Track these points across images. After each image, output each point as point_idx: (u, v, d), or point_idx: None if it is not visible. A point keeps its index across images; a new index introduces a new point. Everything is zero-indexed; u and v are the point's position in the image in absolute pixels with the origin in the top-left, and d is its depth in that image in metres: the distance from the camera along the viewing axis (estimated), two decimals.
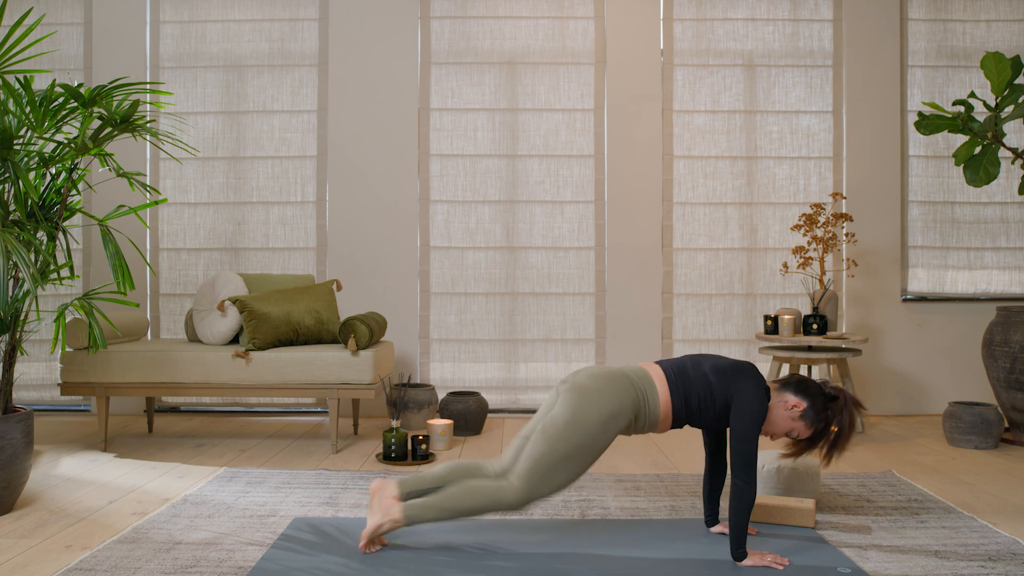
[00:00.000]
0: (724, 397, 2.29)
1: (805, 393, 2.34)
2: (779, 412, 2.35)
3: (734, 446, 2.24)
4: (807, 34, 4.92)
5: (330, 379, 3.72)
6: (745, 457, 2.22)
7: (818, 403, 2.33)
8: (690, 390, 2.31)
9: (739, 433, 2.23)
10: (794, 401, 2.34)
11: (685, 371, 2.34)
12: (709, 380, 2.31)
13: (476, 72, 4.89)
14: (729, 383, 2.29)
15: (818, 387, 2.36)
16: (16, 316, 2.93)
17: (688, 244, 4.90)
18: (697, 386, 2.31)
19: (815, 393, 2.34)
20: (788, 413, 2.33)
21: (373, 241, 4.82)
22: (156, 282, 4.89)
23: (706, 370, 2.33)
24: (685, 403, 2.31)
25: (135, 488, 3.11)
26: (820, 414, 2.32)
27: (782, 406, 2.34)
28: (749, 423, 2.24)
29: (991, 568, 2.25)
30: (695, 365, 2.35)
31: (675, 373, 2.34)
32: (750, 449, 2.22)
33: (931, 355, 4.85)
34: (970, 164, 3.99)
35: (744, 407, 2.25)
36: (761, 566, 2.24)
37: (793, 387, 2.36)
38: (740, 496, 2.21)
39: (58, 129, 3.01)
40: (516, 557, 2.33)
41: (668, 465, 3.53)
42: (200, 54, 4.90)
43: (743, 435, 2.23)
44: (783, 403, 2.35)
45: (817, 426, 2.33)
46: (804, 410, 2.33)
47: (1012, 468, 3.48)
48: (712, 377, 2.31)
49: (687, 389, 2.31)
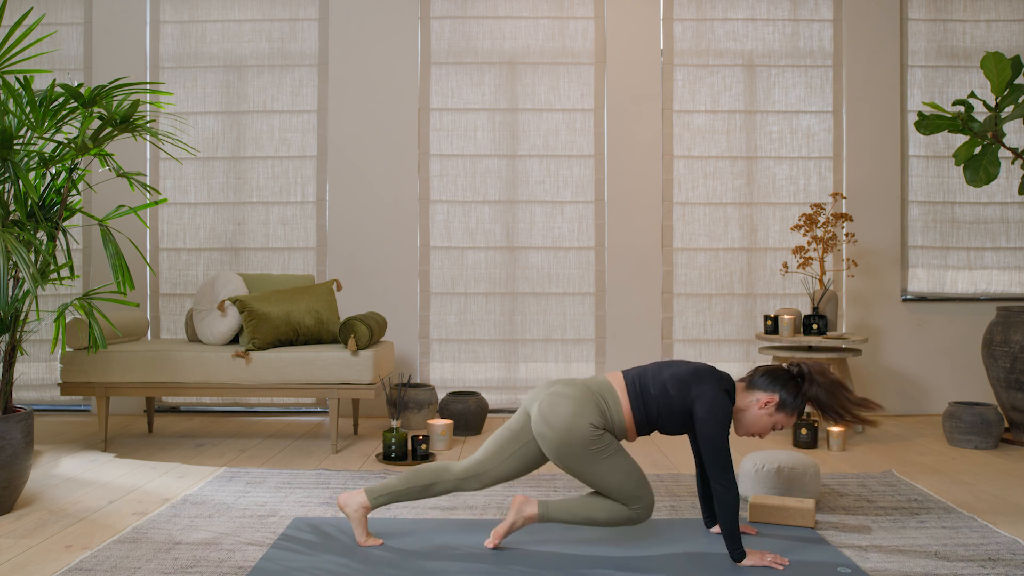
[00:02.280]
0: (683, 404, 2.28)
1: (774, 384, 2.32)
2: (754, 412, 2.33)
3: (704, 452, 2.23)
4: (807, 34, 4.92)
5: (330, 379, 3.73)
6: (718, 460, 2.20)
7: (790, 388, 2.31)
8: (648, 399, 2.31)
9: (706, 437, 2.22)
10: (766, 397, 2.31)
11: (644, 379, 2.34)
12: (667, 389, 2.30)
13: (476, 72, 4.89)
14: (687, 390, 2.28)
15: (784, 372, 2.34)
16: (16, 316, 2.93)
17: (688, 244, 4.90)
18: (656, 395, 2.30)
19: (784, 379, 2.32)
20: (764, 411, 2.32)
21: (373, 241, 4.82)
22: (156, 282, 4.89)
23: (664, 378, 2.32)
24: (645, 411, 2.31)
25: (135, 488, 3.11)
26: (797, 398, 2.31)
27: (756, 405, 2.32)
28: (713, 427, 2.22)
29: (991, 568, 2.25)
30: (655, 373, 2.35)
31: (634, 382, 2.34)
32: (721, 452, 2.21)
33: (931, 355, 4.85)
34: (970, 164, 3.99)
35: (706, 411, 2.23)
36: (761, 566, 2.24)
37: (760, 383, 2.33)
38: (722, 500, 2.20)
39: (58, 129, 3.00)
40: (516, 557, 2.33)
41: (668, 465, 3.53)
42: (200, 54, 4.90)
43: (710, 439, 2.22)
44: (756, 402, 2.32)
45: (799, 409, 2.33)
46: (780, 401, 2.31)
47: (1012, 468, 3.48)
48: (670, 385, 2.30)
49: (646, 398, 2.31)
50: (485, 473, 2.38)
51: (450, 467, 2.40)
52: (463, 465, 2.40)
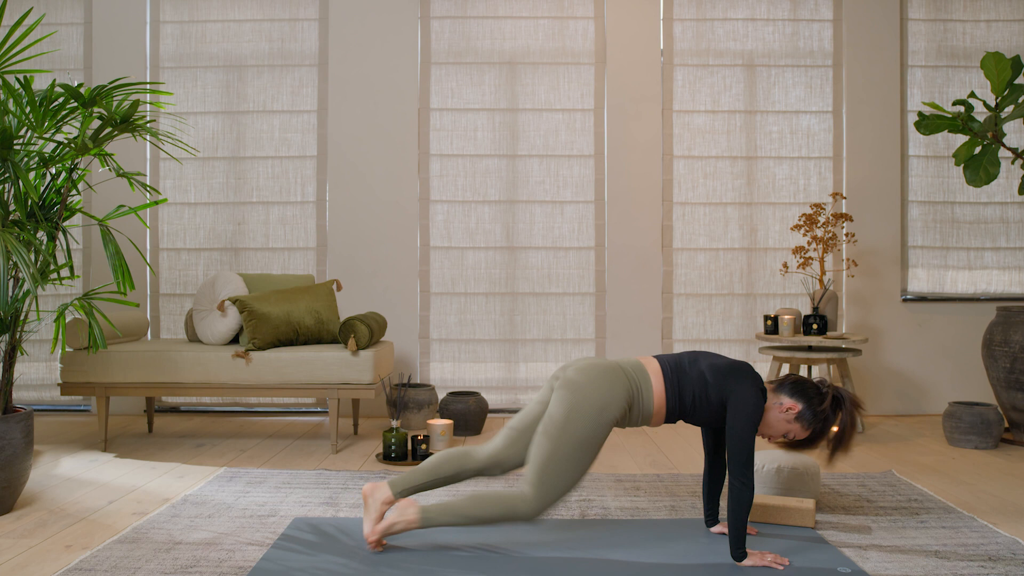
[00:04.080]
0: (720, 396, 2.29)
1: (801, 395, 2.33)
2: (774, 414, 2.34)
3: (730, 446, 2.24)
4: (807, 34, 4.92)
5: (330, 379, 3.72)
6: (742, 457, 2.21)
7: (815, 404, 2.32)
8: (685, 387, 2.31)
9: (735, 433, 2.23)
10: (789, 403, 2.33)
11: (682, 367, 2.34)
12: (705, 378, 2.30)
13: (476, 72, 4.89)
14: (725, 382, 2.29)
15: (815, 388, 2.35)
16: (16, 316, 2.93)
17: (688, 244, 4.90)
18: (693, 383, 2.31)
19: (812, 395, 2.33)
20: (783, 415, 2.33)
21: (373, 241, 4.82)
22: (156, 282, 4.89)
23: (703, 368, 2.32)
24: (679, 399, 2.31)
25: (135, 488, 3.11)
26: (817, 415, 2.31)
27: (777, 408, 2.34)
28: (745, 423, 2.23)
29: (991, 568, 2.25)
30: (692, 362, 2.35)
31: (672, 369, 2.34)
32: (747, 449, 2.22)
33: (931, 355, 4.85)
34: (970, 164, 3.99)
35: (740, 407, 2.25)
36: (761, 566, 2.24)
37: (788, 389, 2.35)
38: (738, 496, 2.21)
39: (58, 129, 3.00)
40: (515, 557, 2.33)
41: (668, 465, 3.53)
42: (200, 54, 4.90)
43: (739, 435, 2.22)
44: (778, 405, 2.34)
45: (815, 427, 2.33)
46: (800, 412, 2.32)
47: (1012, 468, 3.48)
48: (708, 375, 2.30)
49: (682, 385, 2.31)
50: (508, 460, 2.37)
51: (472, 454, 2.39)
52: (485, 452, 2.38)
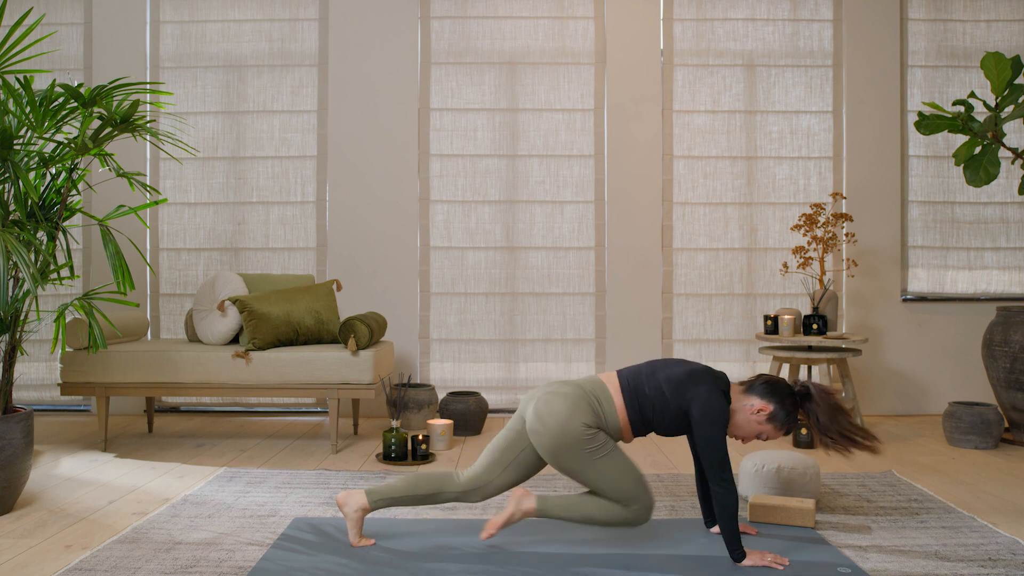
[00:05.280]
0: (679, 406, 2.28)
1: (772, 395, 2.30)
2: (744, 416, 2.31)
3: (702, 452, 2.22)
4: (807, 34, 4.92)
5: (330, 379, 3.72)
6: (715, 461, 2.20)
7: (787, 404, 2.29)
8: (644, 400, 2.30)
9: (703, 439, 2.22)
10: (760, 405, 2.30)
11: (639, 380, 2.33)
12: (662, 390, 2.29)
13: (476, 72, 4.89)
14: (683, 392, 2.27)
15: (785, 386, 2.32)
16: (16, 316, 2.93)
17: (688, 244, 4.90)
18: (651, 396, 2.30)
19: (784, 394, 2.30)
20: (754, 417, 2.30)
21: (373, 241, 4.82)
22: (156, 282, 4.89)
23: (660, 380, 2.31)
24: (640, 412, 2.31)
25: (135, 488, 3.11)
26: (791, 415, 2.29)
27: (747, 410, 2.31)
28: (709, 427, 2.22)
29: (991, 568, 2.25)
30: (650, 374, 2.34)
31: (629, 383, 2.34)
32: (718, 452, 2.20)
33: (931, 355, 4.85)
34: (970, 164, 3.99)
35: (703, 412, 2.23)
36: (761, 566, 2.24)
37: (759, 390, 2.32)
38: (722, 501, 2.20)
39: (58, 129, 3.00)
40: (516, 557, 2.33)
41: (668, 465, 3.53)
42: (200, 54, 4.90)
43: (707, 440, 2.21)
44: (748, 407, 2.31)
45: (789, 426, 2.31)
46: (772, 413, 2.29)
47: (1012, 468, 3.48)
48: (665, 387, 2.29)
49: (640, 399, 2.31)
50: (487, 485, 2.37)
51: (452, 478, 2.39)
52: (464, 477, 2.38)
